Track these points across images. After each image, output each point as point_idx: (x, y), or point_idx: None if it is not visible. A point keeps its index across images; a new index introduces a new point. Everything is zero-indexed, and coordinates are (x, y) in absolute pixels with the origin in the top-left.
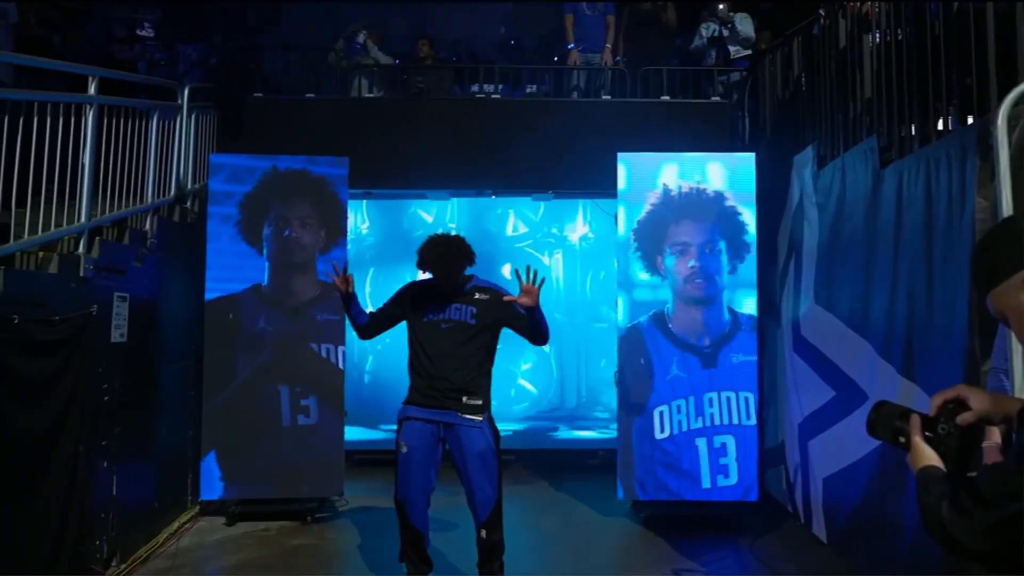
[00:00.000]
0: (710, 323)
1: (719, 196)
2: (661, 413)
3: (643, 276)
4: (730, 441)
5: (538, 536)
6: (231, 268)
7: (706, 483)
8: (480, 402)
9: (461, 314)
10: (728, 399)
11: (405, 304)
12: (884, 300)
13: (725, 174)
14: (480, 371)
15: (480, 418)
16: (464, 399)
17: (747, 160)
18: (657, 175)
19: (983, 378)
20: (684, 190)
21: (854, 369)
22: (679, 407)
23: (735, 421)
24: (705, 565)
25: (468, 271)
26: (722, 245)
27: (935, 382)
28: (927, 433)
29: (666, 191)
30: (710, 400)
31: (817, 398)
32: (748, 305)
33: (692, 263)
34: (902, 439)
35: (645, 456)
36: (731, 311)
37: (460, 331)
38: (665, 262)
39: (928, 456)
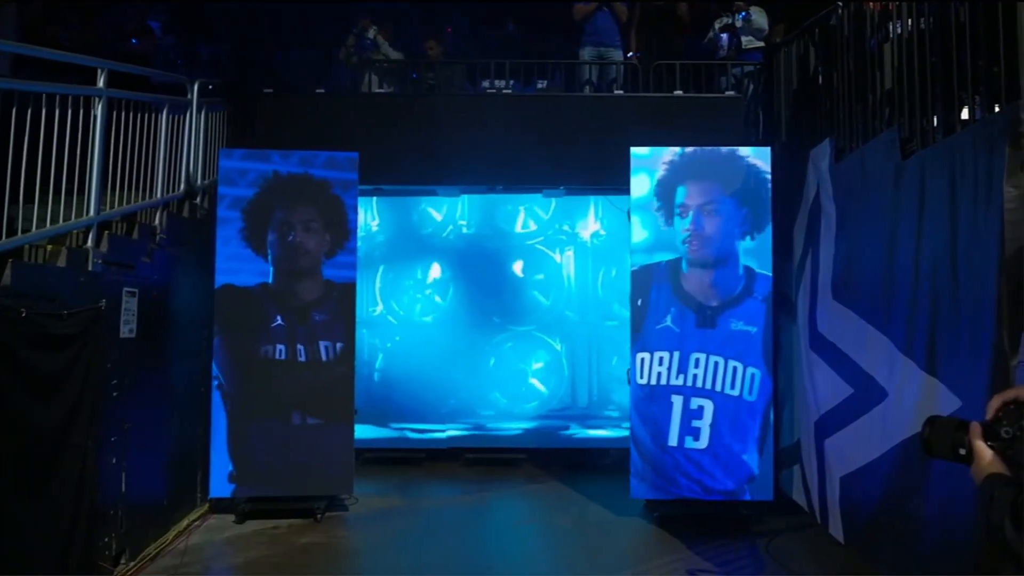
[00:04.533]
0: (719, 285)
1: (732, 154)
2: (642, 360)
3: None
4: (707, 405)
5: (552, 535)
6: (237, 273)
7: (673, 440)
8: None
9: None
10: (716, 364)
11: None
12: (906, 294)
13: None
14: None
15: None
16: None
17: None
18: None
19: (1012, 372)
20: (695, 151)
21: (873, 365)
22: (661, 359)
23: (719, 389)
24: (721, 566)
25: None
26: (730, 205)
27: (960, 377)
28: (989, 443)
29: (681, 151)
30: (696, 360)
31: (834, 396)
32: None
33: (687, 225)
34: (962, 451)
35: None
36: (747, 270)
37: None
38: (674, 223)
39: (992, 462)
